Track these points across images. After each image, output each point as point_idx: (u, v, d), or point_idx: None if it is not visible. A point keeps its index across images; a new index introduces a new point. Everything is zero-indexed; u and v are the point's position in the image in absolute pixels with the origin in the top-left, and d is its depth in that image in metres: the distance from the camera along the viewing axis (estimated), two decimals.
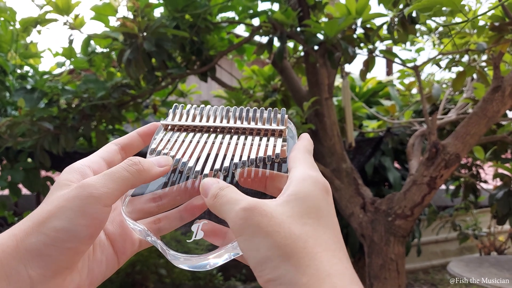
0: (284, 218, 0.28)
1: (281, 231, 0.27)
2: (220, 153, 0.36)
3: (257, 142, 0.37)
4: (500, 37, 1.29)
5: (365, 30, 1.45)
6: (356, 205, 1.54)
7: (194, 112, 0.40)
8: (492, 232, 3.37)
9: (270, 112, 0.39)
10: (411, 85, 2.35)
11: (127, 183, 0.31)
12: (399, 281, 1.45)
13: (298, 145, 0.35)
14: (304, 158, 0.33)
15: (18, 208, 3.55)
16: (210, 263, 0.33)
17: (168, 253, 0.33)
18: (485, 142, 1.78)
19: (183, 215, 0.36)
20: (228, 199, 0.30)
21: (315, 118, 1.63)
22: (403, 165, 2.97)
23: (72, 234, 0.28)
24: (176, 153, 0.36)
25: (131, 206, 0.35)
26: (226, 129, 0.38)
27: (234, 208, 0.29)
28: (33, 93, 1.65)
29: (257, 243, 0.27)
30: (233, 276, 3.23)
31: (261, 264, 0.26)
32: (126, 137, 0.38)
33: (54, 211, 0.29)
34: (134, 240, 0.36)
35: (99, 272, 0.33)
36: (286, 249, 0.26)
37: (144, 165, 0.33)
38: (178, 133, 0.39)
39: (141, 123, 2.45)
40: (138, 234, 0.34)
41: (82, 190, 0.29)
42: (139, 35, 1.43)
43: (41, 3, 1.49)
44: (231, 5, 1.67)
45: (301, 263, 0.26)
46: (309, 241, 0.27)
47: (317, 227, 0.28)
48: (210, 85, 4.33)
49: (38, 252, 0.28)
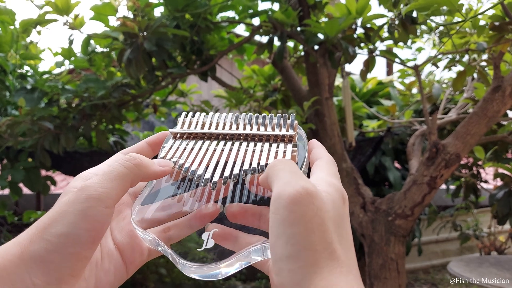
0: (326, 218, 0.27)
1: (318, 233, 0.26)
2: (229, 160, 0.36)
3: (267, 148, 0.36)
4: (500, 37, 1.29)
5: (366, 30, 1.45)
6: (356, 204, 1.54)
7: (203, 119, 0.40)
8: (492, 232, 3.37)
9: (280, 118, 0.39)
10: (411, 85, 2.35)
11: (126, 179, 0.31)
12: (399, 280, 1.45)
13: (322, 154, 0.35)
14: (328, 167, 0.33)
15: (18, 207, 3.55)
16: (222, 272, 0.32)
17: (179, 262, 0.33)
18: (485, 142, 1.78)
19: (193, 223, 0.35)
20: (291, 170, 0.29)
21: (315, 118, 1.63)
22: (403, 164, 2.97)
23: (74, 239, 0.28)
24: (185, 161, 0.36)
25: (140, 215, 0.35)
26: (236, 135, 0.38)
27: (296, 181, 0.27)
28: (33, 93, 1.65)
29: (290, 234, 0.26)
30: (233, 276, 3.23)
31: (283, 261, 0.25)
32: (135, 146, 0.38)
33: (55, 216, 0.28)
34: (143, 249, 0.35)
35: (107, 281, 0.32)
36: (313, 255, 0.25)
37: (143, 160, 0.33)
38: (187, 141, 0.38)
39: (141, 123, 2.45)
40: (148, 244, 0.34)
41: (81, 192, 0.29)
42: (139, 35, 1.43)
43: (40, 4, 1.49)
44: (231, 4, 1.67)
45: (319, 274, 0.25)
46: (335, 252, 0.26)
47: (340, 238, 0.27)
48: (210, 84, 4.33)
49: (41, 259, 0.27)
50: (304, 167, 0.36)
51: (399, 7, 1.26)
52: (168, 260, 3.04)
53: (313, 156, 0.35)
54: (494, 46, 1.31)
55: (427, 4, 0.94)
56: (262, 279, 3.08)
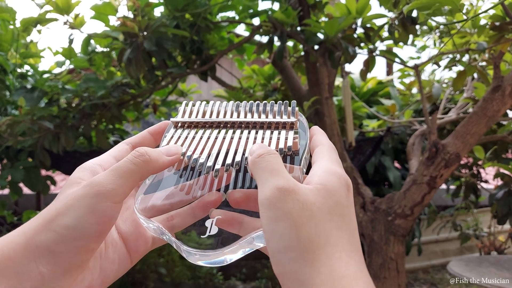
0: (314, 210, 0.27)
1: (309, 224, 0.26)
2: (231, 147, 0.36)
3: (268, 135, 0.36)
4: (500, 37, 1.29)
5: (366, 30, 1.45)
6: (356, 204, 1.54)
7: (204, 108, 0.40)
8: (492, 231, 3.37)
9: (281, 105, 0.39)
10: (411, 85, 2.35)
11: (134, 176, 0.31)
12: (399, 280, 1.45)
13: (322, 141, 0.35)
14: (329, 154, 0.33)
15: (18, 207, 3.55)
16: (227, 259, 0.32)
17: (184, 249, 0.33)
18: (485, 142, 1.78)
19: (196, 212, 0.35)
20: (271, 168, 0.30)
21: (315, 117, 1.63)
22: (403, 164, 2.97)
23: (82, 232, 0.28)
24: (187, 150, 0.36)
25: (144, 204, 0.35)
26: (237, 123, 0.38)
27: (272, 182, 0.28)
28: (33, 92, 1.65)
29: (282, 229, 0.26)
30: (233, 276, 3.23)
31: (280, 253, 0.26)
32: (137, 136, 0.38)
33: (63, 209, 0.28)
34: (147, 238, 0.36)
35: (111, 271, 0.33)
36: (308, 244, 0.26)
37: (152, 155, 0.33)
38: (188, 129, 0.38)
39: (141, 123, 2.45)
40: (152, 232, 0.34)
41: (90, 188, 0.29)
42: (139, 35, 1.43)
43: (41, 3, 1.49)
44: (231, 4, 1.67)
45: (318, 260, 0.25)
46: (330, 239, 0.26)
47: (340, 225, 0.27)
48: (210, 84, 4.33)
49: (48, 249, 0.27)
50: (306, 154, 0.36)
51: (399, 7, 1.26)
52: (168, 259, 3.01)
53: (313, 142, 0.35)
54: (494, 46, 1.31)
55: (429, 4, 0.94)
56: (262, 279, 3.08)
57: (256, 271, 3.18)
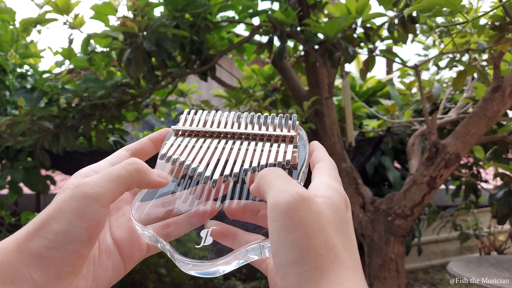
0: (326, 223, 0.27)
1: (320, 237, 0.26)
2: (230, 158, 0.36)
3: (267, 148, 0.36)
4: (500, 37, 1.29)
5: (365, 30, 1.45)
6: (356, 204, 1.54)
7: (205, 117, 0.40)
8: (492, 231, 3.37)
9: (281, 118, 0.39)
10: (411, 84, 2.35)
11: (124, 182, 0.31)
12: (399, 280, 1.45)
13: (323, 156, 0.35)
14: (329, 170, 0.33)
15: (18, 207, 3.55)
16: (219, 270, 0.32)
17: (177, 258, 0.33)
18: (485, 142, 1.78)
19: (192, 221, 0.35)
20: (283, 175, 0.30)
21: (315, 118, 1.63)
22: (403, 164, 2.97)
23: (71, 237, 0.28)
24: (186, 159, 0.36)
25: (140, 211, 0.35)
26: (237, 134, 0.38)
27: (290, 187, 0.27)
28: (33, 92, 1.65)
29: (293, 240, 0.26)
30: (233, 276, 3.23)
31: (288, 267, 0.25)
32: (137, 143, 0.38)
33: (53, 214, 0.28)
34: (141, 245, 0.35)
35: (104, 277, 0.33)
36: (318, 258, 0.25)
37: (144, 166, 0.33)
38: (188, 138, 0.39)
39: (141, 123, 2.45)
40: (147, 240, 0.34)
41: (77, 190, 0.29)
42: (139, 35, 1.43)
43: (40, 3, 1.49)
44: (231, 4, 1.67)
45: (325, 277, 0.25)
46: (339, 254, 0.26)
47: (344, 241, 0.27)
48: (210, 84, 4.33)
49: (40, 256, 0.27)
50: (304, 168, 0.36)
51: (399, 6, 1.26)
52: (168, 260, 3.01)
53: (314, 158, 0.35)
54: (494, 46, 1.31)
55: (430, 6, 0.94)
56: (262, 279, 3.08)
57: (256, 271, 3.18)
